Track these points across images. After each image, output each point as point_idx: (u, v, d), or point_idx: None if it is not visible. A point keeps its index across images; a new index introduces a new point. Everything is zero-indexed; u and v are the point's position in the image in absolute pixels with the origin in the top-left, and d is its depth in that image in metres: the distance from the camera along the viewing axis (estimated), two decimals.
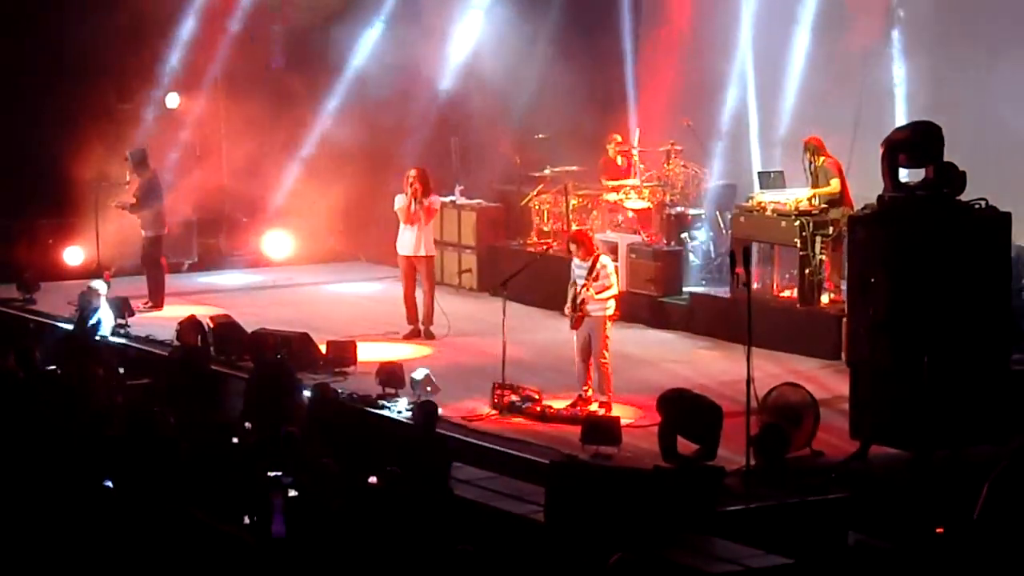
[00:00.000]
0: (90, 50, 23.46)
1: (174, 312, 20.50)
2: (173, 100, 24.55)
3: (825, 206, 19.02)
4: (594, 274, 16.42)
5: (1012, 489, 11.39)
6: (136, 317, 20.56)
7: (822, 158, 19.18)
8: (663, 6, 23.82)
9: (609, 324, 16.59)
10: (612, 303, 16.59)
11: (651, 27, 23.93)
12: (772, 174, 20.05)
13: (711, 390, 16.31)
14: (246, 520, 12.09)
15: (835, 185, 19.05)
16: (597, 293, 16.37)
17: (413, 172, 19.94)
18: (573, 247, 16.78)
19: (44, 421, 14.18)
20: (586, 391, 16.52)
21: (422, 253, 19.99)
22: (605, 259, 16.72)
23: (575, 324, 16.60)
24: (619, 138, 22.24)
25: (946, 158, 14.95)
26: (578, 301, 16.49)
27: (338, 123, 24.27)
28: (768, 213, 19.32)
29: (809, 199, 19.06)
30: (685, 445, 14.56)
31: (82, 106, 23.46)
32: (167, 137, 23.99)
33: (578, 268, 16.60)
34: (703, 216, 21.26)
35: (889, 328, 14.66)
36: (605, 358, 16.49)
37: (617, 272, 17.30)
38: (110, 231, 22.05)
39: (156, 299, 21.62)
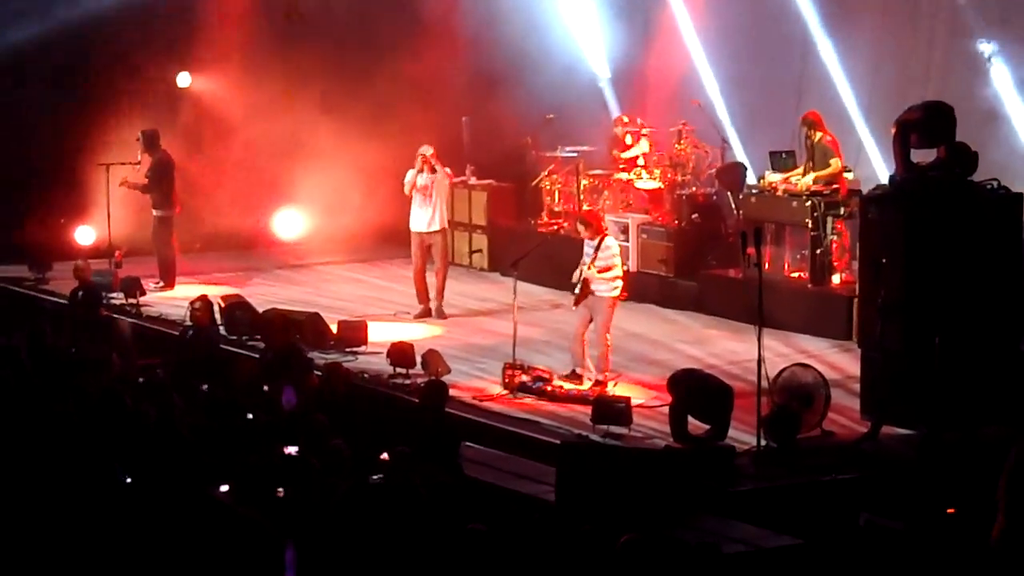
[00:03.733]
0: (102, 29, 23.45)
1: (185, 292, 20.53)
2: (185, 79, 24.54)
3: (836, 186, 18.91)
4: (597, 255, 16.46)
5: None
6: (147, 297, 20.61)
7: (819, 134, 18.85)
8: None
9: (615, 304, 16.61)
10: (618, 284, 16.61)
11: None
12: (784, 154, 19.93)
13: (722, 370, 16.35)
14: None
15: (835, 165, 18.79)
16: (599, 272, 16.41)
17: (425, 148, 19.93)
18: (581, 227, 16.85)
19: (54, 402, 14.17)
20: (579, 369, 16.58)
21: (436, 227, 19.98)
22: (610, 240, 16.78)
23: (576, 302, 16.64)
24: (626, 119, 22.23)
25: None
26: (579, 280, 16.53)
27: (352, 101, 24.27)
28: (779, 193, 19.29)
29: (811, 182, 18.82)
30: (696, 425, 14.57)
31: (94, 85, 23.45)
32: (179, 116, 23.97)
33: (588, 247, 16.64)
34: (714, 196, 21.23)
35: (900, 309, 14.64)
36: (606, 339, 16.51)
37: (623, 253, 17.30)
38: (121, 211, 22.06)
39: (167, 279, 21.65)
